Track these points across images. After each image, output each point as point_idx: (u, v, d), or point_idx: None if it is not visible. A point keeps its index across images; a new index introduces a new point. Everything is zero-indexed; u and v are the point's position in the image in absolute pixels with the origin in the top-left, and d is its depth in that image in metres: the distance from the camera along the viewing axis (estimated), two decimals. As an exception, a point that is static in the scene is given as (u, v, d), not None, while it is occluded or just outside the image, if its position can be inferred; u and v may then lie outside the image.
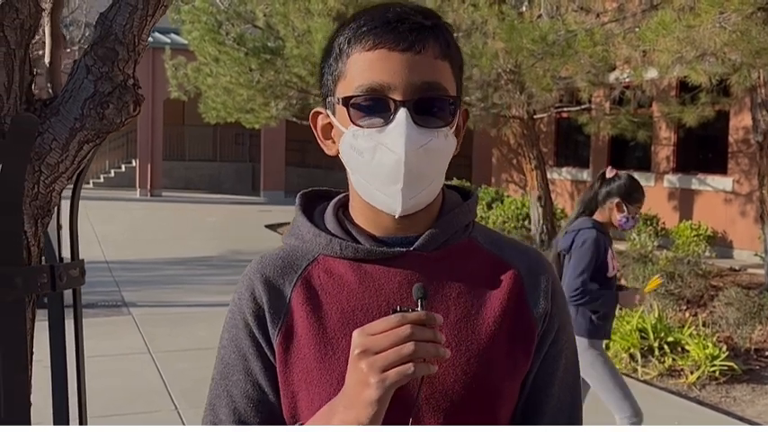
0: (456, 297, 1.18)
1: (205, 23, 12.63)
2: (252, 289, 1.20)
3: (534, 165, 11.59)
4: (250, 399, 1.18)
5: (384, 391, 0.99)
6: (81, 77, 1.35)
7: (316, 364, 1.15)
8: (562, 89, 10.60)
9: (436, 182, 1.17)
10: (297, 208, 1.27)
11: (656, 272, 8.15)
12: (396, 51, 1.11)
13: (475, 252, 1.23)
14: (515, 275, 1.21)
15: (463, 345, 1.15)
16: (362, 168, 1.15)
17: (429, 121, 1.13)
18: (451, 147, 1.17)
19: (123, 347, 6.83)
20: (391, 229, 1.19)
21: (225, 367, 1.21)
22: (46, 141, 1.34)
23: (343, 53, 1.15)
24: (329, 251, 1.20)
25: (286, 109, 13.83)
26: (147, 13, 1.35)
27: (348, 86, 1.14)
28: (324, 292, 1.18)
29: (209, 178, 26.32)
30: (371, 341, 1.00)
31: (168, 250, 12.66)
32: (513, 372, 1.18)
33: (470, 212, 1.25)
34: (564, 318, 1.24)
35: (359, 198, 1.20)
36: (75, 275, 1.46)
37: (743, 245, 12.16)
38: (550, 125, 16.34)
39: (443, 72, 1.15)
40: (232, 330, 1.21)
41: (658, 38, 6.58)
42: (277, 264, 1.21)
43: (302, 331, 1.17)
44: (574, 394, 1.25)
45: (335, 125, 1.19)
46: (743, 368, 6.45)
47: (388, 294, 1.17)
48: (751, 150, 11.64)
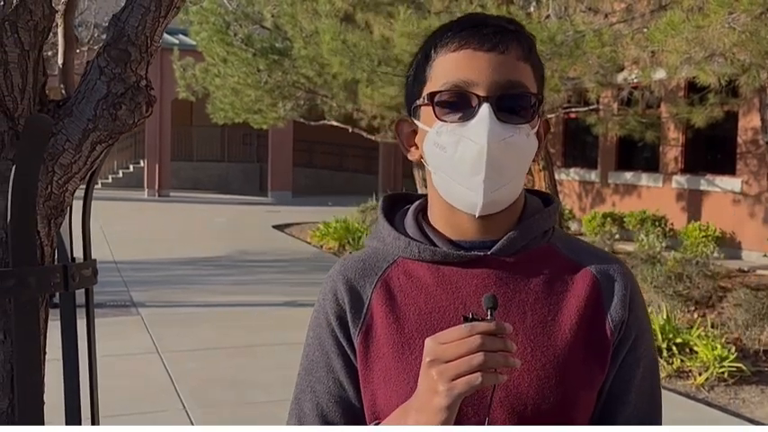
0: (533, 302, 1.19)
1: (213, 24, 12.66)
2: (335, 290, 1.24)
3: (542, 165, 11.55)
4: (332, 395, 1.23)
5: (452, 400, 1.01)
6: (94, 78, 1.35)
7: (394, 363, 1.18)
8: (570, 90, 10.58)
9: (516, 180, 1.19)
10: (379, 211, 1.31)
11: (665, 273, 8.13)
12: (480, 51, 1.15)
13: (553, 258, 1.24)
14: (593, 283, 1.21)
15: (538, 350, 1.17)
16: (445, 164, 1.17)
17: (511, 117, 1.15)
18: (533, 147, 1.19)
19: (132, 347, 6.85)
20: (470, 233, 1.21)
21: (309, 363, 1.25)
22: (59, 142, 1.35)
23: (430, 58, 1.20)
24: (408, 254, 1.23)
25: (294, 109, 13.86)
26: (159, 14, 1.36)
27: (434, 86, 1.18)
28: (402, 293, 1.22)
29: (217, 179, 26.38)
30: (442, 350, 1.01)
31: (176, 250, 12.69)
32: (589, 379, 1.18)
33: (551, 218, 1.26)
34: (643, 326, 1.23)
35: (439, 200, 1.23)
36: (88, 275, 1.47)
37: (751, 246, 12.12)
38: (558, 126, 16.31)
39: (525, 73, 1.18)
40: (316, 329, 1.25)
41: (667, 38, 6.56)
42: (358, 266, 1.26)
43: (381, 331, 1.20)
44: (652, 403, 1.24)
45: (420, 127, 1.22)
46: (752, 369, 6.43)
47: (465, 297, 1.19)
48: (760, 151, 11.61)
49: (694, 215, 13.18)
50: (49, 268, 1.37)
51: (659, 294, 7.87)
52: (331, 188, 26.04)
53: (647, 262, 8.92)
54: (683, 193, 13.69)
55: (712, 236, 11.79)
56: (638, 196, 14.57)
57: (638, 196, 14.57)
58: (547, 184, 11.62)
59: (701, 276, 8.35)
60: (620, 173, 15.08)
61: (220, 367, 6.34)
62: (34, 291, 1.33)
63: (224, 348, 6.92)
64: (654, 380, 1.25)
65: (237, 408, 5.37)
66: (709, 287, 8.39)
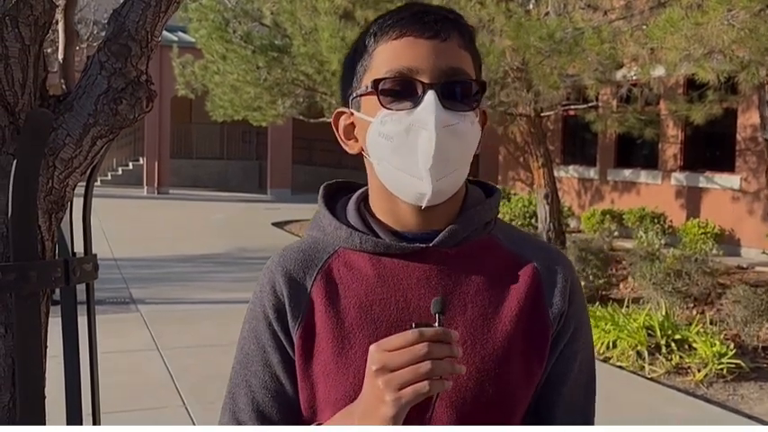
0: (474, 294, 1.18)
1: (212, 21, 12.64)
2: (273, 282, 1.21)
3: (541, 163, 11.56)
4: (268, 389, 1.20)
5: (399, 409, 1.00)
6: (94, 73, 1.36)
7: (333, 357, 1.16)
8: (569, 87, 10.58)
9: (461, 169, 1.17)
10: (320, 200, 1.28)
11: (664, 270, 8.13)
12: (422, 39, 1.15)
13: (495, 249, 1.23)
14: (534, 274, 1.21)
15: (478, 343, 1.16)
16: (390, 153, 1.15)
17: (456, 105, 1.14)
18: (477, 135, 1.18)
19: (131, 344, 6.86)
20: (412, 224, 1.20)
21: (245, 357, 1.23)
22: (60, 137, 1.35)
23: (369, 48, 1.19)
24: (349, 244, 1.21)
25: (293, 107, 13.84)
26: (159, 9, 1.36)
27: (376, 75, 1.16)
28: (343, 285, 1.20)
29: (217, 176, 26.37)
30: (389, 358, 1.00)
31: (176, 248, 12.69)
32: (528, 371, 1.18)
33: (492, 209, 1.25)
34: (581, 319, 1.23)
35: (381, 191, 1.21)
36: (89, 270, 1.47)
37: (750, 243, 12.13)
38: (557, 123, 16.31)
39: (466, 61, 1.17)
40: (252, 322, 1.23)
41: (666, 35, 6.57)
42: (298, 257, 1.23)
43: (321, 324, 1.18)
44: (588, 395, 1.25)
45: (361, 119, 1.20)
46: (750, 366, 6.44)
47: (407, 289, 1.18)
48: (759, 148, 11.61)
49: (693, 212, 13.19)
50: (50, 263, 1.38)
51: (658, 291, 7.87)
52: (330, 185, 25.94)
53: (646, 259, 8.92)
54: (682, 190, 13.69)
55: (711, 233, 11.80)
56: (638, 193, 14.57)
57: (638, 193, 14.57)
58: (546, 181, 11.62)
59: (700, 273, 8.35)
60: (620, 170, 15.09)
61: (220, 364, 6.33)
62: (35, 285, 1.33)
63: (223, 345, 6.92)
64: (590, 373, 1.25)
65: (237, 404, 5.36)
66: (708, 284, 8.39)
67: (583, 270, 9.03)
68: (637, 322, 6.82)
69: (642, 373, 6.38)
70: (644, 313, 7.07)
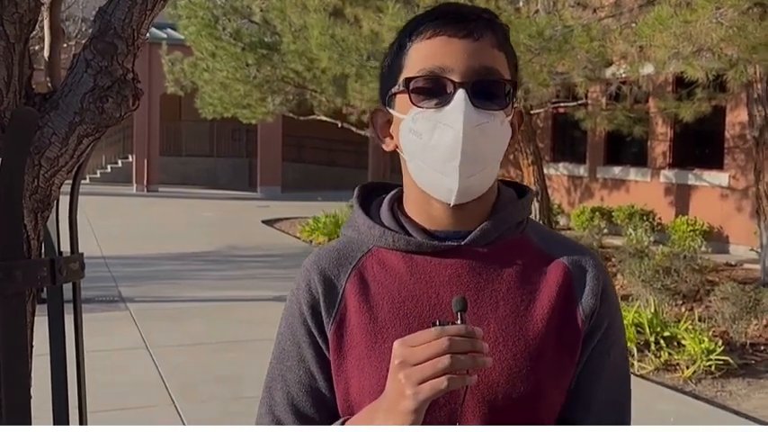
0: (505, 292, 1.20)
1: (202, 18, 12.61)
2: (308, 280, 1.24)
3: (531, 160, 11.60)
4: (303, 384, 1.23)
5: (419, 404, 1.01)
6: (80, 71, 1.35)
7: (367, 353, 1.18)
8: (559, 84, 10.60)
9: (491, 167, 1.19)
10: (355, 200, 1.30)
11: (653, 267, 8.16)
12: (455, 38, 1.16)
13: (526, 248, 1.24)
14: (565, 273, 1.22)
15: (510, 340, 1.17)
16: (421, 150, 1.18)
17: (486, 104, 1.16)
18: (506, 134, 1.20)
19: (120, 343, 6.84)
20: (444, 223, 1.22)
21: (281, 353, 1.26)
22: (45, 135, 1.34)
23: (404, 47, 1.21)
24: (382, 243, 1.24)
25: (283, 104, 13.83)
26: (146, 7, 1.35)
27: (409, 73, 1.18)
28: (376, 282, 1.22)
29: (206, 174, 26.31)
30: (410, 353, 1.01)
31: (165, 246, 12.65)
32: (560, 368, 1.19)
33: (525, 209, 1.27)
34: (614, 317, 1.24)
35: (414, 190, 1.23)
36: (75, 269, 1.46)
37: (739, 240, 12.19)
38: (547, 120, 16.34)
39: (500, 61, 1.18)
40: (289, 318, 1.26)
41: (655, 33, 6.58)
42: (333, 255, 1.26)
43: (355, 321, 1.20)
44: (622, 392, 1.25)
45: (395, 116, 1.22)
46: (738, 362, 6.47)
47: (438, 286, 1.20)
48: (747, 146, 11.66)
49: (682, 209, 13.24)
50: (36, 262, 1.37)
51: (647, 288, 7.90)
52: (320, 183, 25.99)
53: (635, 256, 8.96)
54: (670, 187, 13.74)
55: (700, 230, 11.85)
56: (627, 191, 14.62)
57: (627, 191, 14.62)
58: (536, 178, 11.65)
59: (689, 270, 8.39)
60: (609, 167, 15.13)
61: (209, 362, 6.33)
62: (21, 284, 1.32)
63: (213, 343, 6.91)
64: (624, 370, 1.26)
65: (227, 403, 5.36)
66: (697, 281, 8.43)
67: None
68: (626, 319, 6.84)
69: (631, 369, 6.40)
70: (633, 310, 7.10)
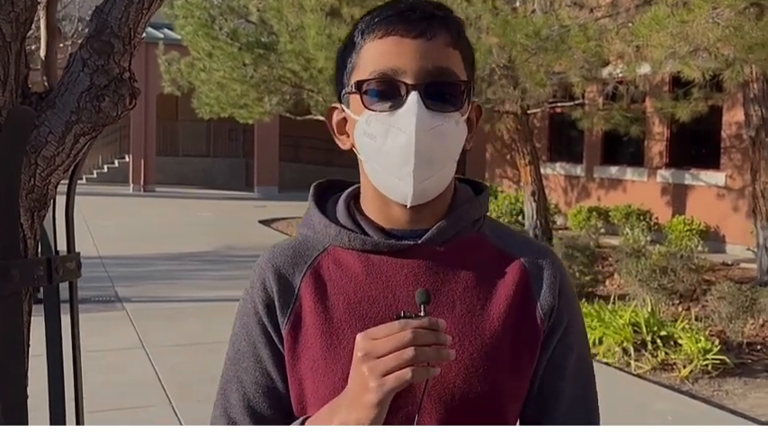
0: (462, 291, 1.19)
1: (198, 18, 12.59)
2: (263, 278, 1.22)
3: (528, 160, 11.60)
4: (259, 385, 1.21)
5: (383, 396, 1.00)
6: (77, 70, 1.35)
7: (322, 354, 1.17)
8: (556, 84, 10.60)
9: (447, 169, 1.17)
10: (310, 198, 1.28)
11: (649, 266, 8.17)
12: (407, 38, 1.14)
13: (483, 247, 1.23)
14: (522, 271, 1.21)
15: (467, 339, 1.16)
16: (375, 153, 1.16)
17: (440, 105, 1.14)
18: (462, 134, 1.18)
19: (117, 342, 6.83)
20: (401, 222, 1.20)
21: (236, 354, 1.24)
22: (42, 134, 1.34)
23: (357, 45, 1.18)
24: (338, 242, 1.22)
25: (279, 104, 13.80)
26: (142, 6, 1.35)
27: (361, 75, 1.16)
28: (332, 282, 1.20)
29: (203, 174, 26.28)
30: (373, 345, 1.01)
31: (162, 246, 12.64)
32: (518, 367, 1.18)
33: (481, 207, 1.26)
34: (573, 313, 1.24)
35: (371, 189, 1.21)
36: (72, 268, 1.46)
37: (735, 239, 12.20)
38: (544, 120, 16.35)
39: (454, 60, 1.16)
40: (243, 318, 1.24)
41: (651, 33, 6.59)
42: (288, 254, 1.24)
43: (310, 320, 1.19)
44: (588, 388, 1.25)
45: (349, 116, 1.21)
46: (735, 362, 6.48)
47: (395, 286, 1.18)
48: (743, 145, 11.68)
49: (679, 209, 13.26)
50: (33, 261, 1.37)
51: (644, 288, 7.91)
52: (317, 183, 25.93)
53: (631, 256, 8.96)
54: (667, 187, 13.76)
55: (696, 230, 11.87)
56: (624, 190, 14.64)
57: (624, 190, 14.64)
58: (533, 178, 11.66)
59: (686, 270, 8.40)
60: (606, 167, 15.14)
61: (206, 362, 6.32)
62: (17, 283, 1.32)
63: (210, 343, 6.90)
64: (587, 366, 1.25)
65: (224, 402, 5.35)
66: (694, 280, 8.44)
67: (569, 267, 9.06)
68: (623, 319, 6.85)
69: (628, 369, 6.41)
70: (630, 310, 7.10)
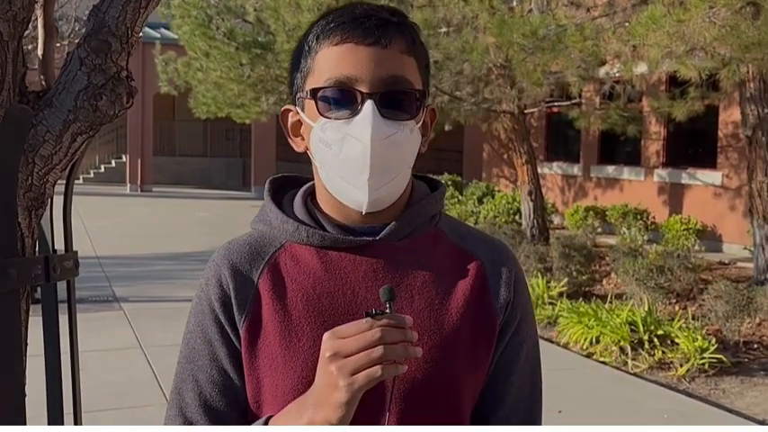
0: (420, 286, 1.20)
1: (195, 18, 12.60)
2: (219, 275, 1.21)
3: (525, 159, 11.61)
4: (215, 383, 1.20)
5: (353, 394, 1.00)
6: (74, 69, 1.35)
7: (280, 351, 1.16)
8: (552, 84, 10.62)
9: (402, 176, 1.18)
10: (266, 193, 1.28)
11: (646, 266, 8.18)
12: (362, 45, 1.14)
13: (440, 242, 1.25)
14: (479, 266, 1.23)
15: (426, 334, 1.17)
16: (330, 161, 1.16)
17: (395, 113, 1.14)
18: (417, 141, 1.19)
19: (115, 342, 6.82)
20: (358, 219, 1.21)
21: (191, 352, 1.22)
22: (39, 133, 1.34)
23: (312, 50, 1.18)
24: (296, 238, 1.22)
25: (276, 104, 13.80)
26: (140, 5, 1.35)
27: (317, 81, 1.16)
28: (290, 278, 1.20)
29: (200, 173, 26.27)
30: (341, 344, 1.01)
31: (159, 245, 12.63)
32: (476, 361, 1.20)
33: (437, 203, 1.27)
34: (526, 308, 1.26)
35: (326, 190, 1.21)
36: (70, 267, 1.46)
37: (732, 239, 12.22)
38: (541, 120, 16.36)
39: (409, 67, 1.17)
40: (198, 316, 1.22)
41: (648, 32, 6.60)
42: (244, 250, 1.23)
43: (268, 317, 1.18)
44: (533, 385, 1.27)
45: (304, 120, 1.21)
46: (732, 361, 6.50)
47: (354, 282, 1.19)
48: (740, 145, 11.70)
49: (676, 208, 13.28)
50: (31, 260, 1.37)
51: (641, 287, 7.92)
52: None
53: (628, 255, 8.98)
54: (664, 186, 13.78)
55: (693, 229, 11.88)
56: (620, 190, 14.65)
57: (620, 190, 14.65)
58: (530, 177, 11.67)
59: (683, 269, 8.41)
60: (603, 167, 15.16)
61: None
62: (15, 282, 1.32)
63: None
64: (535, 362, 1.28)
65: (221, 402, 5.35)
66: (691, 280, 8.46)
67: (566, 266, 9.08)
68: (620, 318, 6.86)
69: (625, 368, 6.42)
70: (627, 309, 7.11)
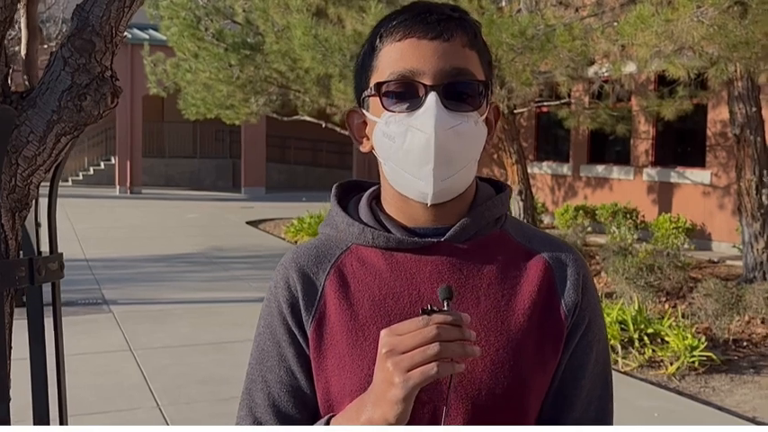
0: (486, 288, 1.20)
1: (184, 19, 12.55)
2: (287, 278, 1.23)
3: (515, 159, 11.62)
4: (284, 384, 1.21)
5: (408, 391, 1.00)
6: (58, 69, 1.34)
7: (348, 351, 1.18)
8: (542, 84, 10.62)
9: (468, 168, 1.18)
10: (333, 198, 1.29)
11: (636, 264, 8.21)
12: (425, 40, 1.15)
13: (506, 244, 1.25)
14: (546, 268, 1.23)
15: (492, 335, 1.17)
16: (394, 154, 1.17)
17: (459, 105, 1.15)
18: (482, 134, 1.19)
19: (104, 345, 6.79)
20: (423, 221, 1.21)
21: (260, 353, 1.24)
22: (23, 134, 1.33)
23: (376, 49, 1.20)
24: (362, 240, 1.23)
25: (266, 105, 13.77)
26: (124, 4, 1.34)
27: (380, 77, 1.18)
28: (356, 280, 1.21)
29: (190, 175, 26.19)
30: (398, 341, 1.01)
31: (148, 247, 12.59)
32: (543, 363, 1.19)
33: (503, 205, 1.27)
34: (595, 311, 1.25)
35: (391, 189, 1.22)
36: (54, 269, 1.45)
37: (721, 237, 12.27)
38: (531, 120, 16.39)
39: (472, 60, 1.18)
40: (267, 318, 1.24)
41: (636, 32, 6.62)
42: (311, 253, 1.25)
43: (335, 318, 1.19)
44: (604, 386, 1.26)
45: (369, 118, 1.22)
46: (721, 358, 6.52)
47: (419, 283, 1.19)
48: (728, 143, 11.75)
49: (665, 207, 13.32)
50: (14, 262, 1.35)
51: (631, 285, 7.94)
52: (305, 183, 25.96)
53: (618, 254, 9.00)
54: (653, 185, 13.82)
55: (683, 227, 11.93)
56: (610, 189, 14.69)
57: (610, 189, 14.69)
58: (519, 177, 11.68)
59: (672, 267, 8.44)
60: (592, 166, 15.20)
61: (194, 364, 6.30)
62: (-2, 285, 1.31)
63: (198, 345, 6.88)
64: (606, 364, 1.27)
65: (212, 405, 5.34)
66: (680, 278, 8.49)
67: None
68: (610, 317, 6.87)
69: (616, 366, 6.43)
70: (617, 308, 7.13)
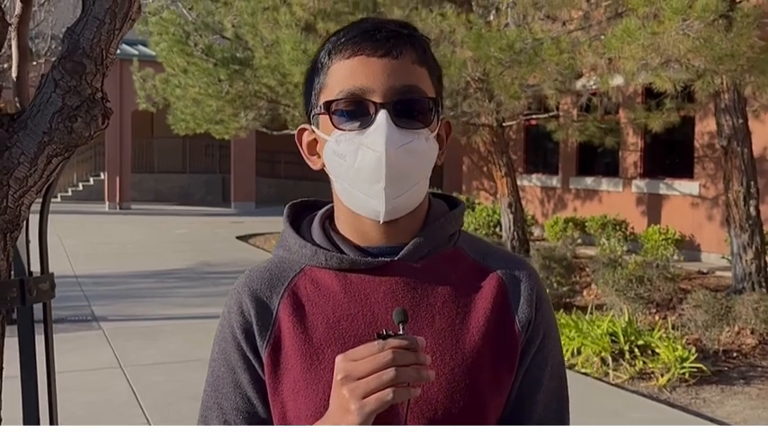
0: (441, 306, 1.19)
1: (173, 35, 12.57)
2: (240, 303, 1.21)
3: (504, 172, 11.67)
4: (240, 411, 1.20)
5: (364, 418, 0.99)
6: (49, 91, 1.34)
7: (302, 375, 1.16)
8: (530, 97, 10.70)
9: (419, 185, 1.18)
10: (285, 219, 1.28)
11: (626, 276, 8.23)
12: (374, 57, 1.15)
13: (460, 261, 1.24)
14: (500, 284, 1.22)
15: (447, 354, 1.16)
16: (345, 172, 1.16)
17: (409, 123, 1.15)
18: (433, 150, 1.19)
19: (94, 362, 6.76)
20: (376, 239, 1.20)
21: (215, 380, 1.23)
22: (14, 155, 1.33)
23: (324, 66, 1.19)
24: (315, 262, 1.21)
25: (255, 119, 13.79)
26: (114, 26, 1.35)
27: (330, 95, 1.17)
28: (310, 302, 1.20)
29: (179, 190, 26.14)
30: (353, 367, 1.00)
31: (138, 263, 12.54)
32: (498, 380, 1.18)
33: (456, 221, 1.26)
34: (550, 325, 1.24)
35: (344, 208, 1.21)
36: (45, 289, 1.45)
37: (710, 248, 12.33)
38: (519, 132, 16.46)
39: (421, 77, 1.17)
40: (221, 344, 1.23)
41: (623, 45, 6.67)
42: (264, 276, 1.23)
43: (290, 342, 1.18)
44: (560, 401, 1.26)
45: (319, 136, 1.21)
46: (712, 370, 6.54)
47: (374, 304, 1.18)
48: (716, 155, 11.82)
49: (654, 219, 13.38)
50: (5, 283, 1.36)
51: (621, 297, 7.96)
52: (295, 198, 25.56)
53: (608, 266, 9.02)
54: (642, 197, 13.88)
55: (672, 239, 11.98)
56: (599, 201, 14.75)
57: (599, 201, 14.75)
58: (509, 190, 11.72)
59: (662, 279, 8.47)
60: (581, 178, 15.26)
61: (184, 380, 6.27)
62: (-10, 306, 1.31)
63: (188, 361, 6.85)
64: (561, 379, 1.26)
65: (203, 421, 5.31)
66: (670, 289, 8.51)
67: (547, 278, 9.11)
68: (600, 329, 6.89)
69: (606, 379, 6.44)
70: (607, 320, 7.15)
